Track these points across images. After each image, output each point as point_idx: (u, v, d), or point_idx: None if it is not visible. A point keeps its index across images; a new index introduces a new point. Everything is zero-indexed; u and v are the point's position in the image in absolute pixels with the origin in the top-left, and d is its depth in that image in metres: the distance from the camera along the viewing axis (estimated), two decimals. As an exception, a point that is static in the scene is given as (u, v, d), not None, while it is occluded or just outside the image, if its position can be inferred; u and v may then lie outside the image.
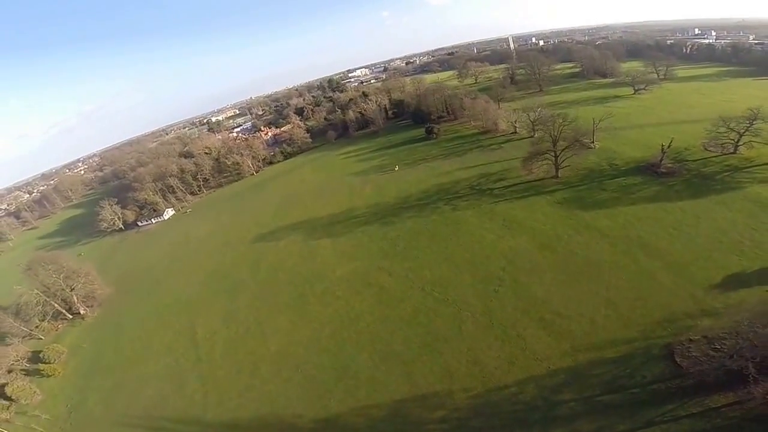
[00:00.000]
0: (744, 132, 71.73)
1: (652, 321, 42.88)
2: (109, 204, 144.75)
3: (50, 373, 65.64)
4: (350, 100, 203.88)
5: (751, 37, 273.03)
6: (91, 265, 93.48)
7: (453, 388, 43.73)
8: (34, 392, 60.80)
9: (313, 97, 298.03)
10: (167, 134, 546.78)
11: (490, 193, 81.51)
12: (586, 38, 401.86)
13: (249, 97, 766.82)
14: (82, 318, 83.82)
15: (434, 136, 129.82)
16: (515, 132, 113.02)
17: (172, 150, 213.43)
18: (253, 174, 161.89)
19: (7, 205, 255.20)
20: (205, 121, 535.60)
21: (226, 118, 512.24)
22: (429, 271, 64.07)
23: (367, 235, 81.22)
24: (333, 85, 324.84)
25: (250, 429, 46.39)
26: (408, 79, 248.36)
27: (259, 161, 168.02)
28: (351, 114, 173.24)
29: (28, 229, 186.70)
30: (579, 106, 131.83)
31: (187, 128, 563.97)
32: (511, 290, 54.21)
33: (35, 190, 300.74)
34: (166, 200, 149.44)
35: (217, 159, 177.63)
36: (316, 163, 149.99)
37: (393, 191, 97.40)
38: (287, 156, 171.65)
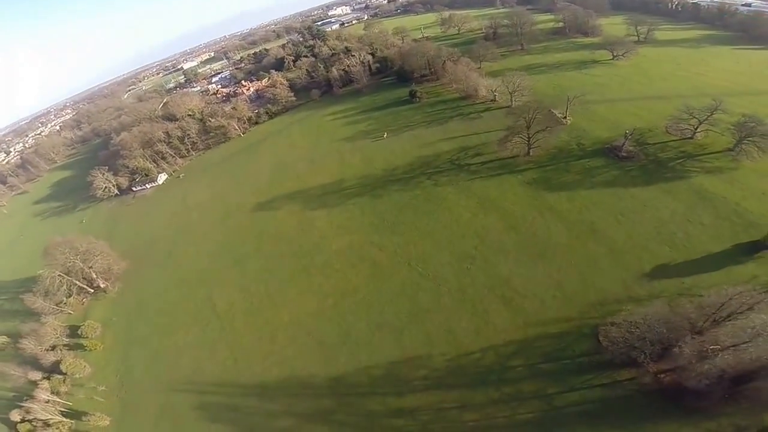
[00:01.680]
0: (704, 120, 74.17)
1: (588, 303, 52.04)
2: (100, 173, 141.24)
3: (92, 348, 71.78)
4: (333, 54, 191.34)
5: None
6: (103, 242, 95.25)
7: (433, 353, 53.32)
8: (84, 366, 67.54)
9: (293, 45, 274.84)
10: (140, 81, 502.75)
11: (467, 169, 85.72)
12: None
13: (223, 36, 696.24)
14: (104, 292, 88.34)
15: (417, 99, 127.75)
16: (494, 100, 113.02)
17: (152, 110, 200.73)
18: (240, 135, 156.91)
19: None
20: (179, 66, 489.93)
21: (200, 62, 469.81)
22: (414, 247, 70.74)
23: (358, 207, 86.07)
24: (313, 32, 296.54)
25: (277, 388, 55.74)
26: (391, 28, 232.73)
27: (244, 122, 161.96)
28: (335, 72, 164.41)
29: (19, 194, 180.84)
30: (558, 70, 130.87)
31: (160, 74, 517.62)
32: (481, 269, 62.20)
33: (12, 149, 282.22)
34: (157, 165, 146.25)
35: (201, 120, 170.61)
36: (304, 125, 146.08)
37: (380, 162, 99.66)
38: (272, 115, 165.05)
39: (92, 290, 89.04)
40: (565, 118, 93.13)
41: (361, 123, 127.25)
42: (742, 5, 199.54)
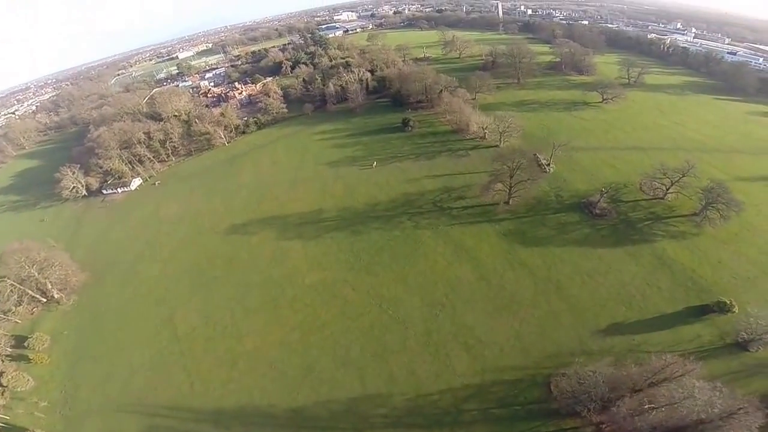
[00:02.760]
0: (676, 181, 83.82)
1: (544, 354, 59.03)
2: (70, 170, 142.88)
3: (38, 361, 72.94)
4: (332, 67, 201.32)
5: (726, 41, 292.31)
6: (64, 253, 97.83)
7: (394, 392, 58.89)
8: (27, 379, 68.73)
9: (293, 49, 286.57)
10: (131, 66, 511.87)
11: (448, 213, 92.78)
12: (574, 14, 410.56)
13: (225, 26, 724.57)
14: (58, 303, 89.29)
15: (410, 128, 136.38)
16: (484, 137, 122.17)
17: (137, 104, 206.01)
18: (224, 144, 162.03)
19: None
20: (174, 55, 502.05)
21: (196, 53, 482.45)
22: (386, 290, 76.38)
23: (336, 242, 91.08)
24: (316, 37, 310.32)
25: (234, 416, 59.88)
26: (393, 44, 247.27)
27: (231, 130, 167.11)
28: (331, 87, 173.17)
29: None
30: (549, 109, 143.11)
31: (153, 60, 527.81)
32: (449, 316, 68.59)
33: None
34: (133, 168, 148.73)
35: (187, 122, 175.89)
36: (291, 141, 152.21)
37: (363, 195, 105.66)
38: (261, 126, 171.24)
39: (45, 300, 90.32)
40: (549, 165, 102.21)
41: (349, 147, 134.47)
42: (728, 53, 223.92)
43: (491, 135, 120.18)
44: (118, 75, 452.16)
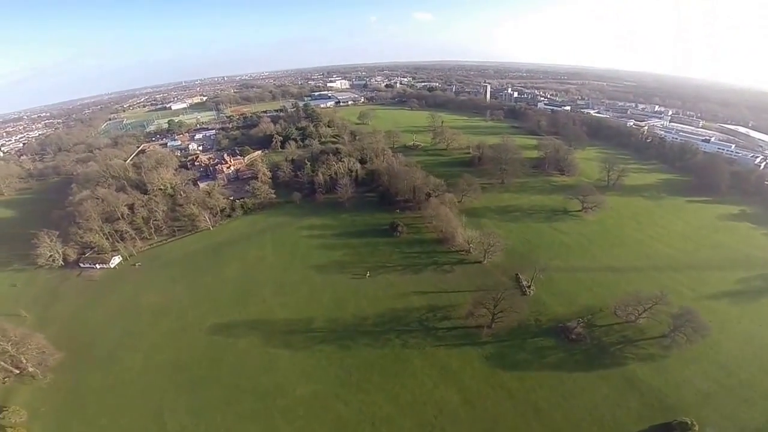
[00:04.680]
0: (648, 308, 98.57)
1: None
2: (48, 237, 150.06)
3: None
4: (322, 152, 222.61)
5: (700, 123, 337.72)
6: (39, 333, 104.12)
7: None
8: None
9: (284, 121, 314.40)
10: (124, 111, 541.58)
11: (434, 333, 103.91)
12: (557, 97, 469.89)
13: (223, 77, 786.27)
14: (33, 377, 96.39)
15: (398, 234, 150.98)
16: (469, 252, 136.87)
17: (123, 167, 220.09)
18: (209, 228, 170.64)
19: None
20: (168, 105, 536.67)
21: (190, 105, 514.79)
22: (378, 408, 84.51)
23: (325, 356, 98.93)
24: (308, 111, 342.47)
25: None
26: (383, 128, 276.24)
27: (216, 213, 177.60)
28: (321, 176, 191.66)
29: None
30: (530, 219, 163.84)
31: (146, 108, 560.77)
32: (439, 438, 77.62)
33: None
34: (113, 243, 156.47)
35: (172, 196, 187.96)
36: (278, 236, 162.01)
37: (352, 307, 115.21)
38: (247, 211, 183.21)
39: (17, 371, 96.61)
40: (530, 287, 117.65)
41: (337, 249, 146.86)
42: (702, 140, 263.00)
43: (476, 249, 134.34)
44: (110, 120, 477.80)
